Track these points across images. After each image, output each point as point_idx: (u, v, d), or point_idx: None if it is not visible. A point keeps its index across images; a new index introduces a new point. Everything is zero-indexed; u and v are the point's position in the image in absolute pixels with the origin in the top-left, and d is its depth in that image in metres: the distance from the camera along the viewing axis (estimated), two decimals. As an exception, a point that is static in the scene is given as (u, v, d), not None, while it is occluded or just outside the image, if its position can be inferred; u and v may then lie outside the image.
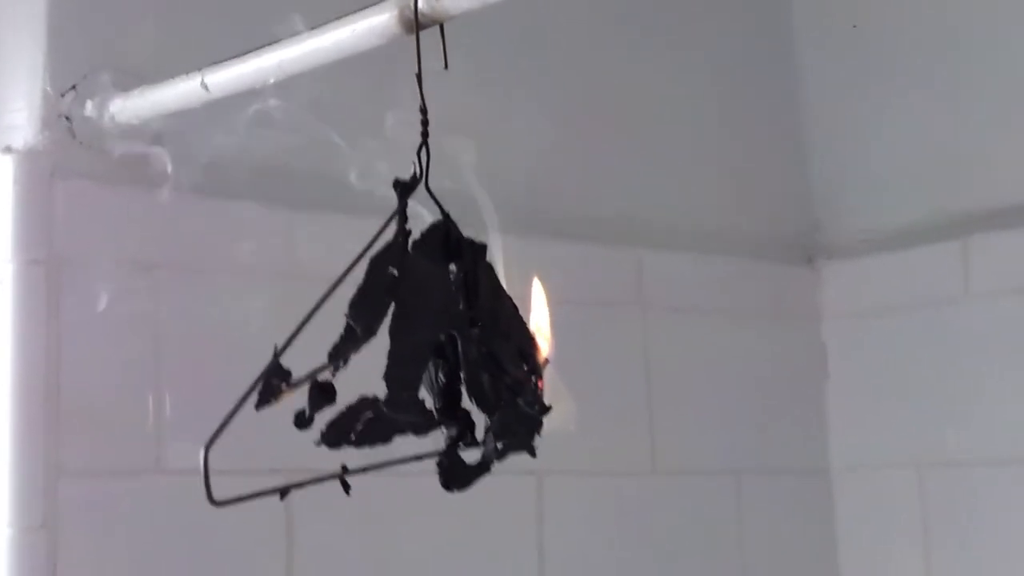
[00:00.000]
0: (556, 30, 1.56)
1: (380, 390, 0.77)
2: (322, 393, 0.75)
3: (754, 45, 1.75)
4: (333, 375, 0.74)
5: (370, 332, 0.76)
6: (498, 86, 1.49)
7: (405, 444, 0.79)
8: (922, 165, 1.68)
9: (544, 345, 0.81)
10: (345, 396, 0.76)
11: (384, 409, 0.75)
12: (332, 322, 0.78)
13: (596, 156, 1.57)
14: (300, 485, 0.74)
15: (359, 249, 0.79)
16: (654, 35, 1.64)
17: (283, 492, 0.73)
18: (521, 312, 0.82)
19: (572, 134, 1.55)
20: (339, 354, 0.75)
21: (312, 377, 0.73)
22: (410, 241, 0.79)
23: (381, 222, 0.80)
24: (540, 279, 0.83)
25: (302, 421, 0.74)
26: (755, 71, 1.75)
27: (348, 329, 0.76)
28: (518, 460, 0.81)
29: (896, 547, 1.65)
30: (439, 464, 0.77)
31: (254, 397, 0.72)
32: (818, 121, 1.77)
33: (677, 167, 1.64)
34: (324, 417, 0.77)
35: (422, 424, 0.76)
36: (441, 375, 0.78)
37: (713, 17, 1.70)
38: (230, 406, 0.73)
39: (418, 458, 0.77)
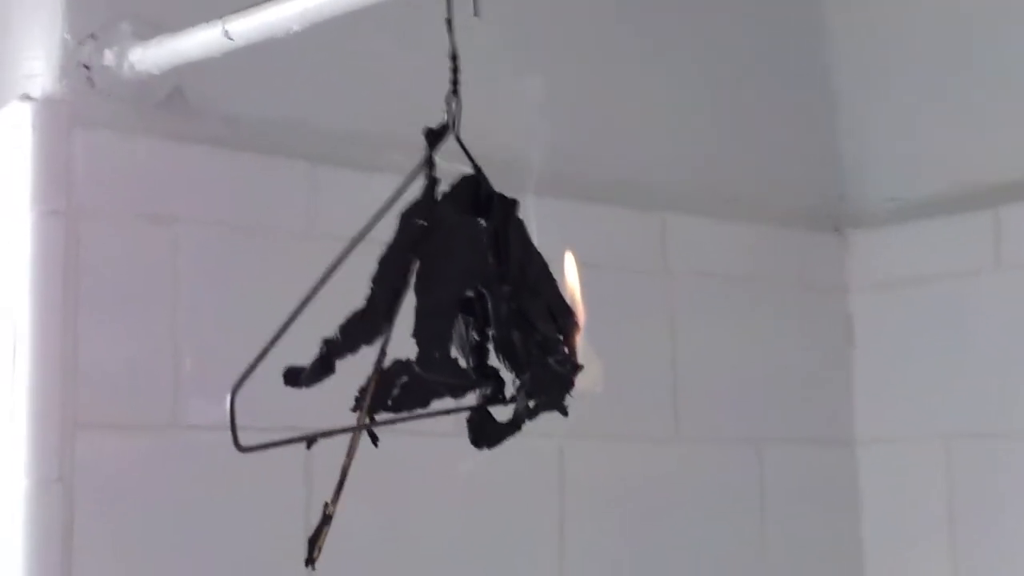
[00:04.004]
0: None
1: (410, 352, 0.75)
2: (324, 366, 0.73)
3: (784, 12, 1.73)
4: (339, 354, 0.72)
5: (389, 318, 0.73)
6: (527, 50, 1.47)
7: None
8: (952, 133, 1.66)
9: (576, 311, 0.79)
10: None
11: (417, 370, 0.73)
12: (358, 279, 0.76)
13: (623, 120, 1.55)
14: (328, 434, 0.72)
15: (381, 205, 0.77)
16: (685, 1, 1.61)
17: (310, 441, 0.71)
18: (552, 271, 0.80)
19: (600, 98, 1.53)
20: (350, 329, 0.73)
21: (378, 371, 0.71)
22: (439, 193, 0.77)
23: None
24: (572, 251, 0.81)
25: (294, 379, 0.72)
26: (784, 38, 1.72)
27: (369, 299, 0.74)
28: (539, 424, 0.79)
29: (921, 520, 1.64)
30: (469, 421, 0.75)
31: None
32: (847, 88, 1.74)
33: (705, 132, 1.62)
34: (345, 380, 0.75)
35: (458, 385, 0.74)
36: (473, 333, 0.75)
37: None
38: (248, 362, 0.71)
39: (447, 412, 0.75)
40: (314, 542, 0.72)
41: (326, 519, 0.73)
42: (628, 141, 1.55)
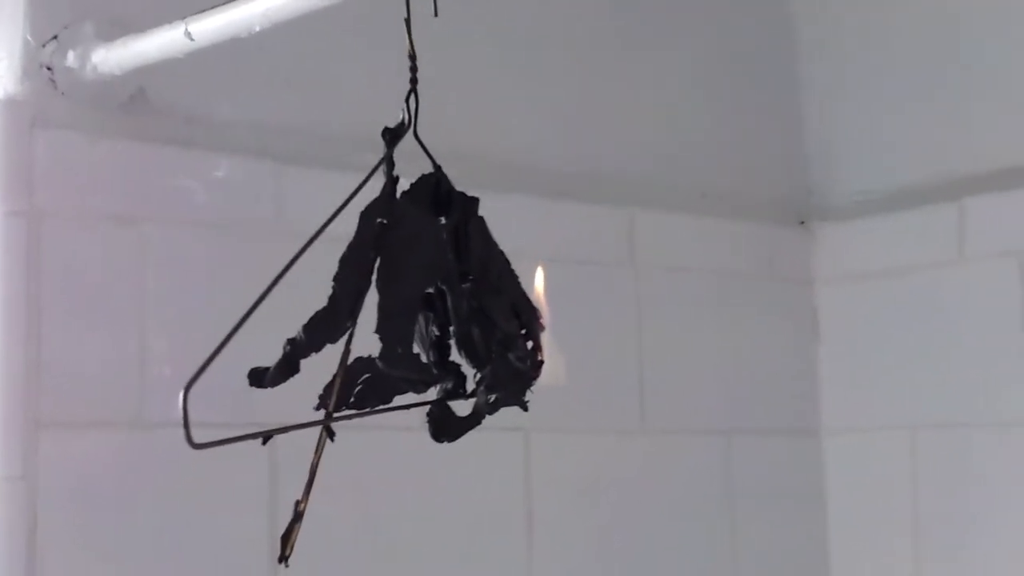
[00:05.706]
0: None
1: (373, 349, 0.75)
2: (288, 366, 0.73)
3: (751, 7, 1.73)
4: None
5: (352, 316, 0.74)
6: (495, 46, 1.47)
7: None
8: (917, 127, 1.67)
9: (540, 310, 0.79)
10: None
11: (380, 366, 0.74)
12: (322, 278, 0.76)
13: (591, 115, 1.55)
14: (283, 430, 0.72)
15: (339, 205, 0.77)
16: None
17: (266, 437, 0.71)
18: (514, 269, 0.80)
19: (568, 93, 1.53)
20: (314, 328, 0.73)
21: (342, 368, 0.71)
22: (399, 191, 0.77)
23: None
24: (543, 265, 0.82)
25: (258, 380, 0.72)
26: (751, 33, 1.73)
27: (331, 298, 0.74)
28: (505, 416, 0.80)
29: (886, 509, 1.65)
30: (429, 415, 0.76)
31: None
32: (813, 82, 1.75)
33: (672, 127, 1.63)
34: (311, 377, 0.75)
35: (420, 380, 0.75)
36: (433, 328, 0.76)
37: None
38: (211, 361, 0.71)
39: (407, 407, 0.76)
40: (286, 540, 0.73)
41: (297, 516, 0.73)
42: (595, 136, 1.55)
